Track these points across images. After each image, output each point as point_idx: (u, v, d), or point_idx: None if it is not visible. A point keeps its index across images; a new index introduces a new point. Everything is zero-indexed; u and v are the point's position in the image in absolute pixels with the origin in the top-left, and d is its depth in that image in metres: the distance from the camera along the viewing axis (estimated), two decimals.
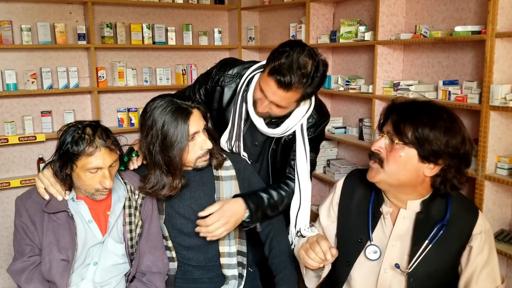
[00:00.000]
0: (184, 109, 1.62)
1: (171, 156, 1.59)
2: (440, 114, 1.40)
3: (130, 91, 3.83)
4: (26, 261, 1.58)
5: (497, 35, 2.16)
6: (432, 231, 1.46)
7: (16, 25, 3.31)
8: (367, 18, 3.17)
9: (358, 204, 1.59)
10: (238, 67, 1.98)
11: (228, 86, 1.95)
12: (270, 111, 1.79)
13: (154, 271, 1.69)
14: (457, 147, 1.38)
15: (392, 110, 1.45)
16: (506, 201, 2.32)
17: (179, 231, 1.73)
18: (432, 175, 1.42)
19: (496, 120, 2.23)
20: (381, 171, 1.45)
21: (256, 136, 1.96)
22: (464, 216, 1.47)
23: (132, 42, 3.65)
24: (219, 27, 4.12)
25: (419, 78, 2.83)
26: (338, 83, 3.31)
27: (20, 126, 3.38)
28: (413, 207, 1.49)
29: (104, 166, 1.52)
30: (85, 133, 1.50)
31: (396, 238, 1.50)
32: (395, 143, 1.41)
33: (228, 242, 1.74)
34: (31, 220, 1.58)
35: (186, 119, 1.60)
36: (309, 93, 1.74)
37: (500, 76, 2.20)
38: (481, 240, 1.45)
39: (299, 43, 1.72)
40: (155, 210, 1.72)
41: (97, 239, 1.62)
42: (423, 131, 1.37)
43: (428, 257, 1.45)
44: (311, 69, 1.67)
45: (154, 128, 1.60)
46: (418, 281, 1.46)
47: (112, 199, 1.66)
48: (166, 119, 1.59)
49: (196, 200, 1.73)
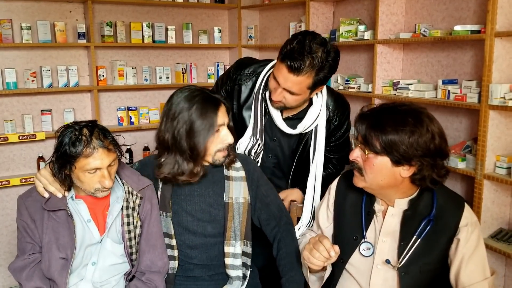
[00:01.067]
0: (214, 100, 1.65)
1: (196, 142, 1.61)
2: (405, 118, 1.43)
3: (130, 90, 3.83)
4: (27, 259, 1.59)
5: (496, 34, 2.16)
6: (419, 226, 1.50)
7: (16, 23, 3.31)
8: (366, 17, 3.17)
9: (352, 203, 1.63)
10: (254, 66, 2.05)
11: (245, 84, 2.02)
12: (285, 100, 1.85)
13: (154, 271, 1.69)
14: (426, 146, 1.41)
15: (361, 120, 1.49)
16: (505, 200, 2.33)
17: (184, 228, 1.73)
18: (410, 175, 1.46)
19: (495, 119, 2.23)
20: (361, 179, 1.52)
21: (274, 132, 2.04)
22: (450, 210, 1.50)
23: (132, 40, 3.65)
24: (219, 26, 4.12)
25: (419, 77, 2.83)
26: (338, 82, 3.32)
27: (20, 125, 3.38)
28: (400, 205, 1.53)
29: (102, 167, 1.52)
30: (82, 134, 1.49)
31: (386, 234, 1.55)
32: (366, 153, 1.47)
33: (234, 243, 1.73)
34: (31, 218, 1.58)
35: (216, 110, 1.63)
36: (321, 79, 1.79)
37: (499, 76, 2.20)
38: (467, 232, 1.48)
39: (311, 32, 1.78)
40: (154, 210, 1.71)
41: (95, 238, 1.62)
42: (388, 139, 1.41)
43: (418, 252, 1.49)
44: (322, 55, 1.74)
45: (182, 114, 1.61)
46: (410, 275, 1.50)
47: (111, 199, 1.66)
48: (196, 107, 1.61)
49: (205, 198, 1.73)
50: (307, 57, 1.71)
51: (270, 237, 1.81)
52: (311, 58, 1.72)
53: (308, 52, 1.71)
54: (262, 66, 2.03)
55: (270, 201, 1.79)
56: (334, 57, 1.79)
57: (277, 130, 2.03)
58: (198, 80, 4.04)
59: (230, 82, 2.07)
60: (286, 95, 1.82)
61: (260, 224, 1.80)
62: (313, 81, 1.78)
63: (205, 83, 4.03)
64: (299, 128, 1.98)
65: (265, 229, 1.81)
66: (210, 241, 1.73)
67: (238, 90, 2.04)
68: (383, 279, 1.54)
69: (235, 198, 1.73)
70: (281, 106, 1.91)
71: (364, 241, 1.57)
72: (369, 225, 1.58)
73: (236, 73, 2.07)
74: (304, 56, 1.71)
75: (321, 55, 1.73)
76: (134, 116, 3.73)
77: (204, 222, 1.72)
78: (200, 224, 1.72)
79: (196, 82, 3.98)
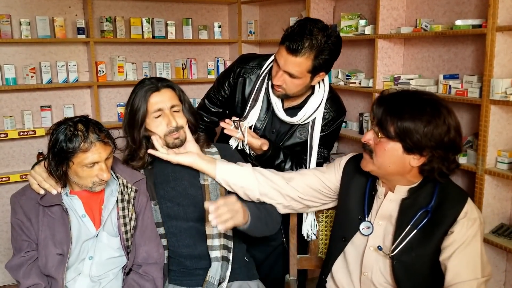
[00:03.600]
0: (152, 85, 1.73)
1: (134, 125, 1.71)
2: (423, 106, 1.43)
3: (129, 86, 3.79)
4: (23, 257, 1.59)
5: (498, 28, 2.15)
6: (415, 216, 1.49)
7: (15, 19, 3.30)
8: (367, 12, 3.15)
9: (358, 186, 1.64)
10: (258, 59, 2.10)
11: (249, 77, 2.06)
12: (285, 85, 1.87)
13: (150, 262, 1.69)
14: (441, 138, 1.41)
15: (379, 103, 1.49)
16: (506, 195, 2.32)
17: (166, 215, 1.75)
18: (419, 165, 1.46)
19: (496, 114, 2.22)
20: (371, 161, 1.52)
21: (274, 124, 2.06)
22: (450, 203, 1.49)
23: (132, 36, 3.64)
24: (219, 21, 4.11)
25: (420, 72, 2.82)
26: (338, 77, 3.30)
27: (20, 121, 3.38)
28: (400, 192, 1.54)
29: (100, 160, 1.54)
30: (77, 129, 1.50)
31: (381, 217, 1.56)
32: (379, 137, 1.47)
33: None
34: (26, 217, 1.59)
35: (148, 95, 1.71)
36: (321, 63, 1.80)
37: (500, 70, 2.19)
38: (463, 225, 1.45)
39: (314, 19, 1.82)
40: (149, 202, 1.73)
41: (91, 233, 1.63)
42: (403, 126, 1.41)
43: (413, 242, 1.49)
44: (322, 38, 1.77)
45: (128, 104, 1.74)
46: (402, 264, 1.50)
47: (105, 193, 1.67)
48: (137, 93, 1.72)
49: (181, 181, 1.76)
50: (306, 38, 1.74)
51: None
52: (310, 40, 1.74)
53: (308, 34, 1.74)
54: (266, 58, 2.06)
55: None
56: (334, 42, 1.81)
57: (277, 121, 2.04)
58: (198, 75, 4.03)
59: (234, 75, 2.09)
60: (286, 78, 1.84)
61: None
62: (313, 64, 1.79)
63: (205, 78, 4.02)
64: (299, 116, 1.97)
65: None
66: (193, 226, 1.75)
67: (243, 83, 2.06)
68: (375, 261, 1.56)
69: (210, 179, 1.75)
70: (282, 94, 1.92)
71: (365, 220, 1.58)
72: (372, 206, 1.59)
73: (240, 66, 2.09)
74: (303, 37, 1.74)
75: (321, 38, 1.75)
76: None
77: (183, 206, 1.75)
78: (181, 208, 1.75)
79: (196, 78, 3.97)
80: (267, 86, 1.99)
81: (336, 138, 2.13)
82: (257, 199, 1.73)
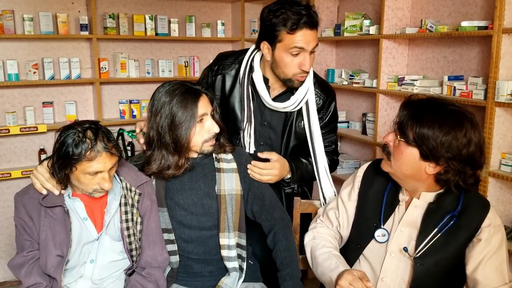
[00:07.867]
0: (194, 91, 1.68)
1: (179, 135, 1.64)
2: (446, 116, 1.43)
3: (132, 83, 3.81)
4: (25, 256, 1.58)
5: (504, 30, 2.14)
6: (442, 220, 1.50)
7: (18, 15, 3.29)
8: (372, 12, 3.14)
9: (377, 191, 1.65)
10: (235, 55, 2.09)
11: (228, 73, 2.04)
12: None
13: (154, 266, 1.68)
14: (458, 150, 1.41)
15: (405, 107, 1.50)
16: (510, 198, 2.31)
17: (178, 223, 1.73)
18: (435, 173, 1.46)
19: (501, 117, 2.21)
20: (388, 163, 1.54)
21: (264, 116, 2.01)
22: (475, 209, 1.50)
23: (135, 33, 3.63)
24: (222, 19, 4.09)
25: (424, 73, 2.81)
26: (342, 77, 3.29)
27: (22, 117, 3.37)
28: (426, 198, 1.54)
29: (104, 170, 1.51)
30: (86, 136, 1.47)
31: (405, 224, 1.56)
32: (398, 140, 1.48)
33: (228, 235, 1.73)
34: (28, 216, 1.57)
35: (196, 101, 1.65)
36: None
37: (506, 72, 2.18)
38: (490, 233, 1.47)
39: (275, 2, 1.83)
40: (154, 206, 1.70)
41: (92, 236, 1.61)
42: (422, 132, 1.42)
43: (437, 245, 1.50)
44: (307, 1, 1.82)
45: (164, 109, 1.64)
46: (425, 266, 1.50)
47: (108, 197, 1.65)
48: (176, 100, 1.64)
49: (197, 191, 1.74)
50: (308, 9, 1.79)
51: (266, 228, 1.80)
52: (310, 8, 1.80)
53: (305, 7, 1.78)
54: (243, 53, 2.04)
55: (263, 193, 1.79)
56: None
57: (268, 112, 2.00)
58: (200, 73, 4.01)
59: (212, 73, 2.08)
60: (312, 57, 1.84)
61: (253, 216, 1.80)
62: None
63: None
64: (292, 101, 1.92)
65: (260, 221, 1.80)
66: (205, 234, 1.73)
67: (222, 80, 2.04)
68: (395, 267, 1.56)
69: (227, 190, 1.74)
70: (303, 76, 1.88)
71: (380, 227, 1.58)
72: (391, 213, 1.59)
73: (217, 63, 2.08)
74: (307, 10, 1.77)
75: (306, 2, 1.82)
76: (136, 109, 3.70)
77: (197, 215, 1.73)
78: (194, 217, 1.72)
79: (198, 76, 3.94)
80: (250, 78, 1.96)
81: (337, 119, 2.12)
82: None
